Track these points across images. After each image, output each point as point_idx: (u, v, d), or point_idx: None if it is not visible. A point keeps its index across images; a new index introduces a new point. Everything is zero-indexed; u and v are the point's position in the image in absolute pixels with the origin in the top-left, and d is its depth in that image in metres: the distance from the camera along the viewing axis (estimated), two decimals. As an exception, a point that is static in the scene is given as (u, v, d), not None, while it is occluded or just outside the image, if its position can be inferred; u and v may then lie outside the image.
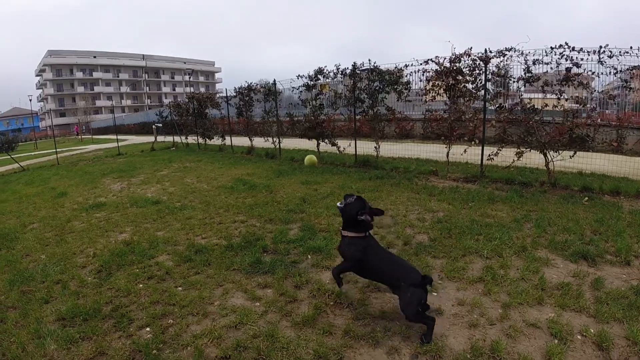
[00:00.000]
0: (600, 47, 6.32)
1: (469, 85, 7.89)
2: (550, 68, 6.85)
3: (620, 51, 6.24)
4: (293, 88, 11.54)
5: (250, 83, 13.66)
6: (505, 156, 7.54)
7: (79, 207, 7.57)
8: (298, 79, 11.02)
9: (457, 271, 3.81)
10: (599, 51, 6.33)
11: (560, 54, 6.62)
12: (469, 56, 7.63)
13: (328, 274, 3.94)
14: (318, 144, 11.28)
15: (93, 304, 3.54)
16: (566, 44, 6.54)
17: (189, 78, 72.80)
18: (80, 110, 61.43)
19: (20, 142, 44.54)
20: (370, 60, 9.46)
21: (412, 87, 9.39)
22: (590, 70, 6.60)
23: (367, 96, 9.71)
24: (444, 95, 8.26)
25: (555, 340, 2.74)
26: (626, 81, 6.93)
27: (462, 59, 7.70)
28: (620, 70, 6.39)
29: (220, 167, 11.55)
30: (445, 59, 7.88)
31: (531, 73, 6.97)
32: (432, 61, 8.06)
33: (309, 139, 11.52)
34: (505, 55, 7.22)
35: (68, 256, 4.90)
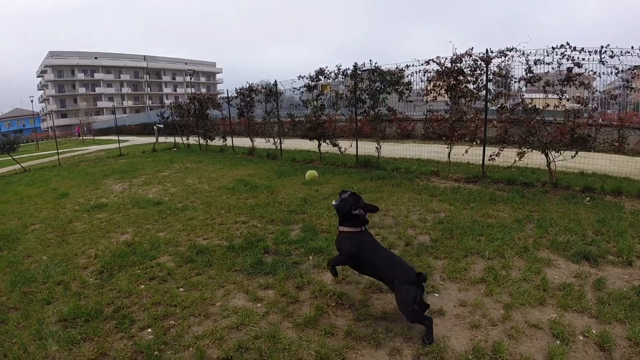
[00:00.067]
0: (602, 47, 6.31)
1: (470, 86, 7.88)
2: (552, 68, 6.85)
3: (621, 51, 6.23)
4: (294, 89, 11.56)
5: (252, 84, 13.66)
6: (506, 156, 7.53)
7: (80, 208, 7.59)
8: (299, 79, 11.02)
9: (459, 272, 3.81)
10: (600, 51, 6.32)
11: (561, 54, 6.61)
12: (470, 56, 7.62)
13: (329, 274, 3.94)
14: (319, 145, 11.28)
15: (95, 305, 3.55)
16: (567, 44, 6.53)
17: (190, 79, 72.84)
18: (81, 111, 61.54)
19: (22, 143, 44.67)
20: (371, 61, 9.49)
21: (414, 88, 9.37)
22: (591, 70, 6.58)
23: (368, 97, 9.70)
24: (445, 95, 8.24)
25: (557, 341, 2.74)
26: (627, 81, 6.92)
27: (464, 59, 7.69)
28: (621, 70, 6.38)
29: (221, 168, 11.56)
30: (446, 59, 7.87)
31: (532, 73, 6.96)
32: (434, 61, 8.05)
33: (310, 140, 11.52)
34: (506, 55, 7.21)
35: (69, 257, 4.91)
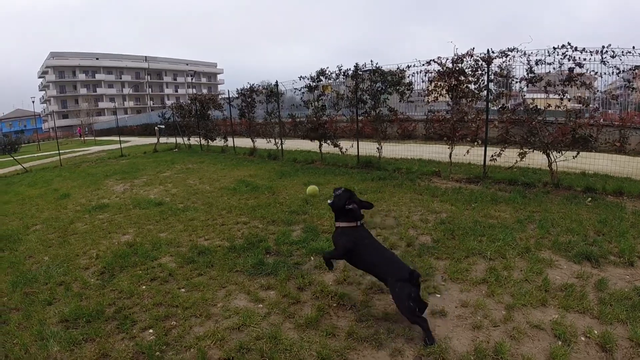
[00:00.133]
0: (603, 47, 6.30)
1: (472, 86, 7.87)
2: (553, 68, 6.84)
3: (622, 51, 6.22)
4: (295, 89, 11.56)
5: (253, 84, 13.67)
6: (508, 157, 7.51)
7: (82, 209, 7.60)
8: (300, 80, 11.02)
9: (461, 272, 3.80)
10: (602, 51, 6.32)
11: (562, 54, 6.60)
12: (472, 57, 7.61)
13: (331, 275, 3.95)
14: (320, 145, 11.28)
15: (96, 305, 3.55)
16: (569, 44, 6.53)
17: (191, 79, 72.97)
18: (83, 112, 61.51)
19: (23, 144, 44.80)
20: (372, 61, 9.50)
21: (415, 88, 9.38)
22: (592, 70, 6.57)
23: (370, 97, 9.70)
24: (447, 95, 8.23)
25: (559, 342, 2.73)
26: (629, 81, 6.90)
27: (465, 59, 7.68)
28: (622, 70, 6.37)
29: (222, 169, 11.57)
30: (447, 59, 7.86)
31: (534, 73, 6.95)
32: (435, 62, 8.04)
33: (311, 140, 11.52)
34: (507, 55, 7.20)
35: (71, 258, 4.92)
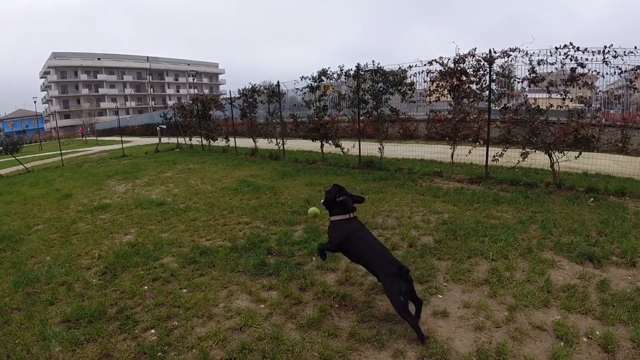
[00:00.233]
0: (605, 47, 6.29)
1: (473, 86, 7.85)
2: (555, 68, 6.83)
3: (624, 51, 6.21)
4: (297, 89, 11.57)
5: (254, 84, 13.69)
6: (510, 157, 7.50)
7: (83, 209, 7.61)
8: (302, 80, 11.03)
9: (463, 273, 3.79)
10: (604, 51, 6.30)
11: (564, 54, 6.58)
12: (473, 57, 7.60)
13: (333, 275, 3.95)
14: (322, 145, 11.28)
15: (98, 305, 3.55)
16: (571, 44, 6.51)
17: (192, 80, 73.02)
18: (84, 112, 61.68)
19: (25, 144, 44.92)
20: (374, 61, 9.48)
21: (416, 88, 9.39)
22: (595, 70, 6.56)
23: (371, 97, 9.70)
24: (448, 96, 8.22)
25: (561, 343, 2.73)
26: (631, 81, 6.88)
27: (467, 59, 7.66)
28: (624, 70, 6.35)
29: (224, 169, 11.57)
30: (449, 59, 7.85)
31: (536, 73, 6.94)
32: (436, 62, 8.03)
33: (312, 140, 11.52)
34: (509, 55, 7.19)
35: (73, 258, 4.93)
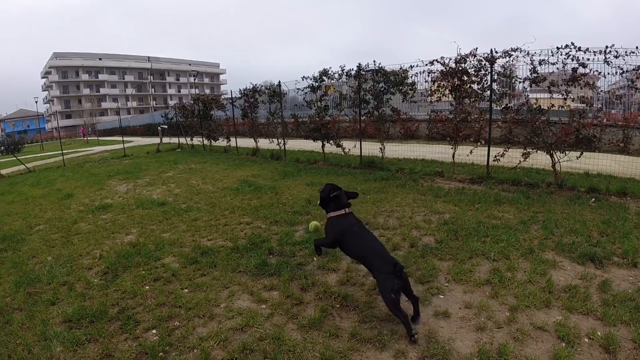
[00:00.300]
0: (607, 47, 6.27)
1: (475, 86, 7.84)
2: (557, 68, 6.81)
3: (626, 51, 6.19)
4: (298, 89, 11.56)
5: (255, 84, 13.69)
6: (511, 157, 7.49)
7: (85, 209, 7.62)
8: (303, 80, 11.04)
9: (464, 274, 3.79)
10: (605, 51, 6.29)
11: (566, 54, 6.57)
12: (475, 57, 7.59)
13: (334, 276, 3.95)
14: (323, 145, 11.28)
15: (99, 305, 3.56)
16: (572, 44, 6.50)
17: (194, 80, 73.09)
18: (86, 112, 61.77)
19: (26, 144, 45.04)
20: (375, 61, 9.49)
21: (418, 88, 9.38)
22: (596, 70, 6.55)
23: (372, 97, 9.69)
24: (450, 96, 8.21)
25: (562, 343, 2.72)
26: (632, 81, 6.86)
27: (468, 59, 7.65)
28: (626, 70, 6.34)
29: (225, 169, 11.58)
30: (450, 59, 7.83)
31: (537, 73, 6.92)
32: (438, 62, 8.02)
33: (314, 140, 11.52)
34: (511, 55, 7.18)
35: (74, 258, 4.94)
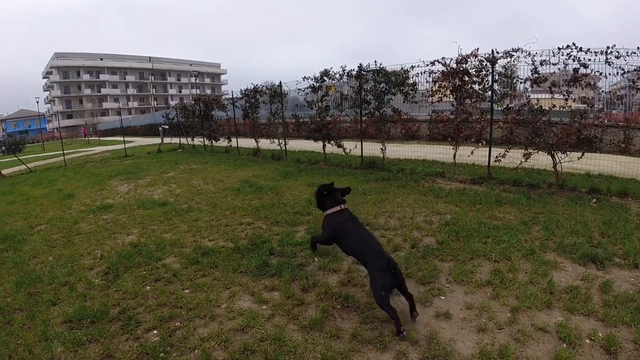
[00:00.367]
0: (608, 48, 6.27)
1: (476, 86, 7.83)
2: (558, 69, 6.82)
3: (627, 51, 6.19)
4: (299, 90, 11.56)
5: (256, 85, 13.70)
6: (512, 157, 7.47)
7: (86, 209, 7.63)
8: (304, 80, 11.04)
9: (465, 274, 3.78)
10: (606, 52, 6.28)
11: (567, 54, 6.57)
12: (476, 57, 7.58)
13: (335, 276, 3.95)
14: (324, 146, 11.28)
15: (100, 306, 3.56)
16: (573, 44, 6.51)
17: (194, 80, 73.13)
18: (87, 112, 61.86)
19: (28, 144, 45.10)
20: (376, 62, 9.49)
21: (419, 88, 9.38)
22: (597, 71, 6.54)
23: (373, 97, 9.69)
24: (451, 96, 8.20)
25: (563, 345, 2.72)
26: (633, 81, 6.85)
27: (469, 59, 7.65)
28: (627, 71, 6.33)
29: (226, 169, 11.58)
30: (451, 60, 7.84)
31: (538, 74, 6.92)
32: (439, 62, 8.02)
33: (315, 141, 11.52)
34: (512, 56, 7.18)
35: (75, 258, 4.94)
